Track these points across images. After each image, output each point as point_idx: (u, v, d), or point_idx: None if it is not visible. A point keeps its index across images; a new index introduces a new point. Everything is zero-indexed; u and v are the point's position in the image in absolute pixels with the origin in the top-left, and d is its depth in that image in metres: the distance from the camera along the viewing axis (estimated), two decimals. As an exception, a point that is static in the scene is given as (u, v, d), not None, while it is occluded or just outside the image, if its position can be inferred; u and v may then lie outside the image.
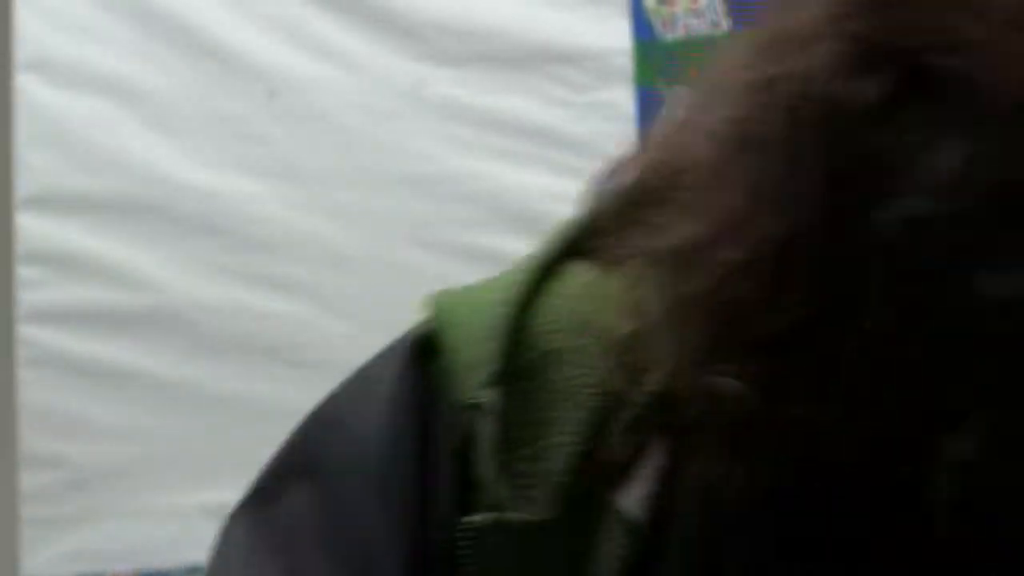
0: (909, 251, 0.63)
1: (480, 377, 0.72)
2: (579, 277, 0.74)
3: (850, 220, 0.65)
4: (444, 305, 0.74)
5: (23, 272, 2.10)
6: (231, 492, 0.72)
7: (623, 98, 2.16)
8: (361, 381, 0.75)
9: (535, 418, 0.73)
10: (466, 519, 0.72)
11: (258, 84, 1.99)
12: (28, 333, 2.11)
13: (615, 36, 2.16)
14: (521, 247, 0.72)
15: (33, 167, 2.17)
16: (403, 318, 0.72)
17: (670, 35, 2.18)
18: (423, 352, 0.73)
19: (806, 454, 0.65)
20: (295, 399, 0.75)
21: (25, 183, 2.17)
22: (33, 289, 2.12)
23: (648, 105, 2.14)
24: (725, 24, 2.14)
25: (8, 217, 2.12)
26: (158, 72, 2.22)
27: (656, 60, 2.18)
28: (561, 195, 1.97)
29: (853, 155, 0.65)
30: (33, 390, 2.09)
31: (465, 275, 0.74)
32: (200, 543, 0.77)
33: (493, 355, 0.72)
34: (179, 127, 1.96)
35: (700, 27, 2.17)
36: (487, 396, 0.72)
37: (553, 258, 0.74)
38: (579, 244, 0.75)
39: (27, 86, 2.24)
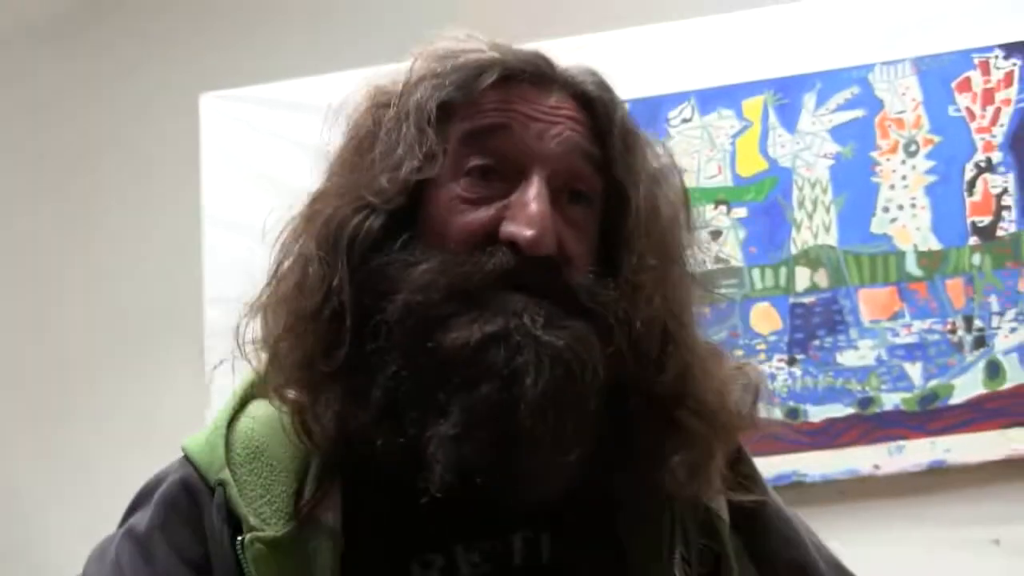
0: (407, 321, 1.08)
1: (216, 468, 1.14)
2: (260, 408, 1.18)
3: (373, 307, 1.09)
4: (187, 442, 1.19)
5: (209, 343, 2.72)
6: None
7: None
8: (144, 489, 1.21)
9: (264, 479, 1.14)
10: (238, 539, 1.11)
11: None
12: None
13: None
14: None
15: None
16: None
17: None
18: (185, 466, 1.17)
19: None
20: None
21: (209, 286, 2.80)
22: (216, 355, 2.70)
23: None
24: None
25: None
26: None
27: None
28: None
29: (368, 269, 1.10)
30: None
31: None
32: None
33: (218, 455, 1.15)
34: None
35: None
36: (224, 476, 1.13)
37: (238, 400, 1.19)
38: (252, 390, 1.20)
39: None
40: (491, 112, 1.17)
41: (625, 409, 1.15)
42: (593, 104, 1.21)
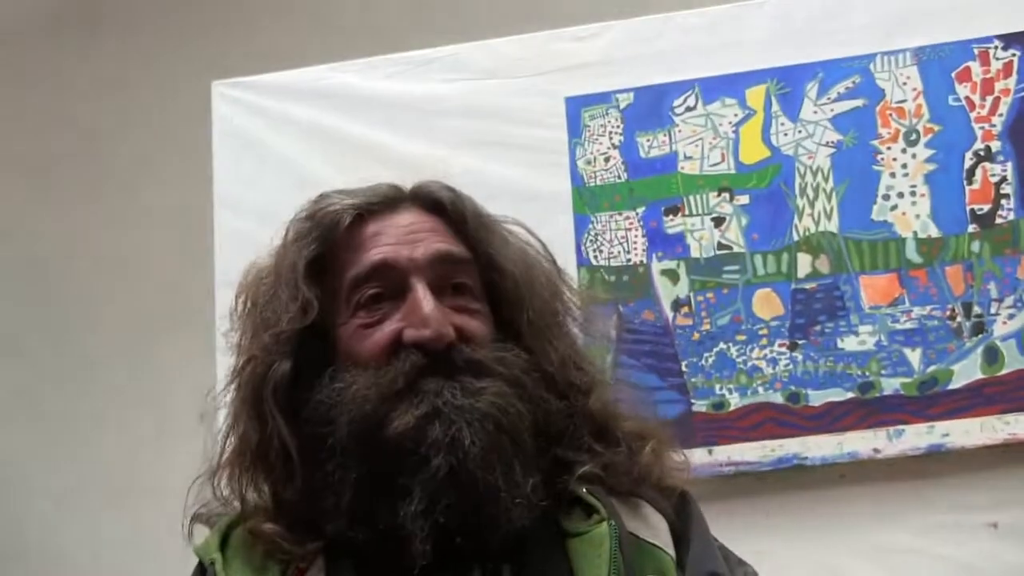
0: (354, 433, 1.27)
1: (210, 553, 1.34)
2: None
3: (323, 433, 1.28)
4: (201, 543, 1.39)
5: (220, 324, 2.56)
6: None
7: (566, 221, 2.71)
8: None
9: (255, 562, 1.32)
10: None
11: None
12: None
13: (561, 183, 2.75)
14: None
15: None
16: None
17: (592, 182, 2.75)
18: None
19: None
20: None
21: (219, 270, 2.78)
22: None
23: (582, 225, 2.72)
24: (623, 176, 2.76)
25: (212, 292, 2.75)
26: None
27: (585, 197, 2.76)
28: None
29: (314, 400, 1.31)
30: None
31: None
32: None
33: (213, 544, 1.35)
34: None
35: (608, 178, 2.76)
36: (214, 556, 1.34)
37: (234, 517, 1.38)
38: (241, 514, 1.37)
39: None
40: (363, 251, 1.36)
41: (575, 439, 1.34)
42: (444, 205, 1.39)
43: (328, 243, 1.37)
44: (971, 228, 2.65)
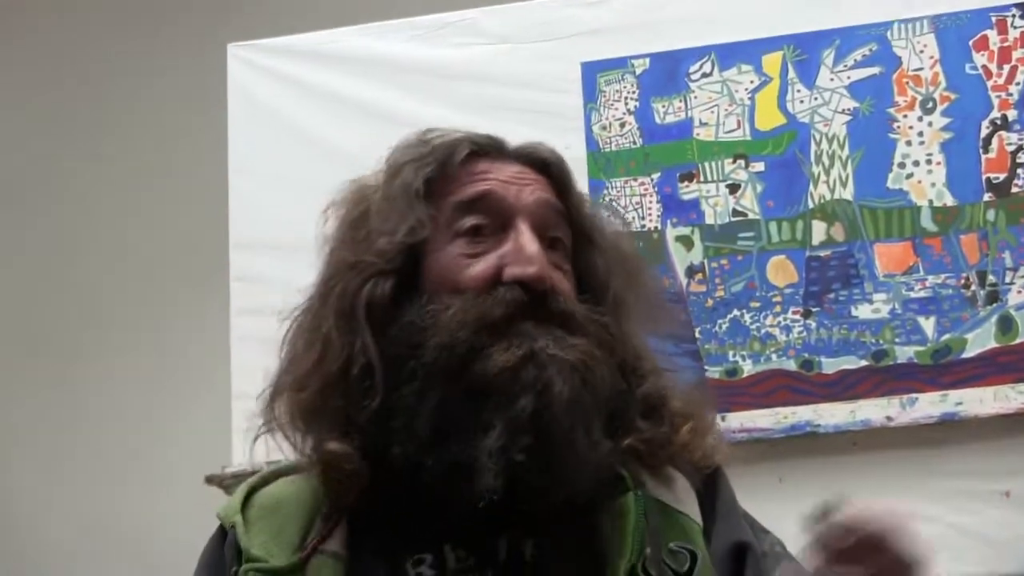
0: (445, 358, 1.23)
1: (231, 515, 1.32)
2: (287, 479, 1.34)
3: (406, 357, 1.25)
4: (223, 506, 1.36)
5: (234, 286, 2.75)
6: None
7: (581, 186, 2.53)
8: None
9: (277, 524, 1.29)
10: (238, 569, 1.27)
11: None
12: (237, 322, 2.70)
13: (576, 148, 2.76)
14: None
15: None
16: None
17: (607, 148, 2.79)
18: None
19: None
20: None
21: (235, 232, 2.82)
22: (240, 296, 2.72)
23: (596, 190, 2.75)
24: (638, 142, 2.78)
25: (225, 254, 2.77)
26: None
27: (600, 162, 2.80)
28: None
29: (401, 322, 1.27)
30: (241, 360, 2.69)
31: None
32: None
33: (234, 507, 1.32)
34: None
35: (623, 143, 2.79)
36: (236, 519, 1.31)
37: (269, 473, 1.37)
38: (281, 468, 1.37)
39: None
40: (472, 182, 1.34)
41: (624, 419, 1.32)
42: (549, 167, 1.38)
43: (443, 168, 1.35)
44: (986, 197, 2.66)
